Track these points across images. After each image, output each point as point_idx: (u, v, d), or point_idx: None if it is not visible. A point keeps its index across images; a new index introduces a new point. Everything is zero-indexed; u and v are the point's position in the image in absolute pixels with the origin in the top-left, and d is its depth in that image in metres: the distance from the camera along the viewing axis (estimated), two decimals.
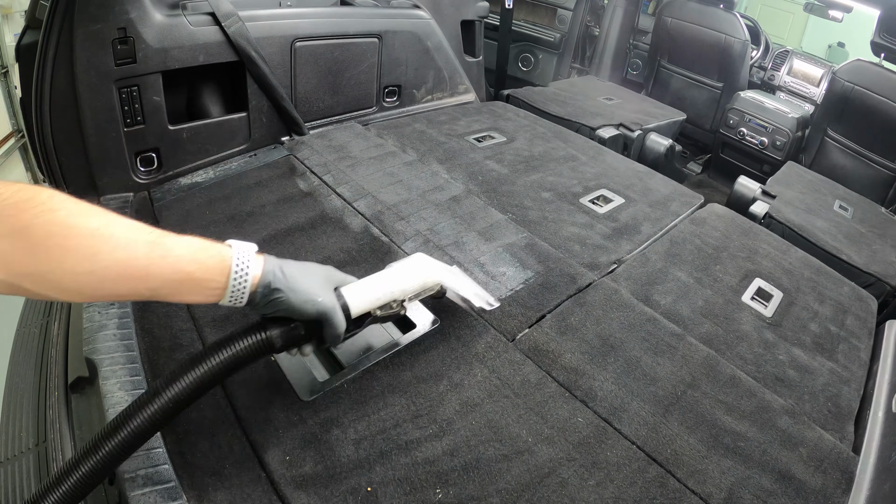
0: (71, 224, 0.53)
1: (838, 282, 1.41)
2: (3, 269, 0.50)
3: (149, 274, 0.59)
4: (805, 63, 2.98)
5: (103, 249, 0.55)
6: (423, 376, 0.92)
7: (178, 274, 0.62)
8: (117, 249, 0.56)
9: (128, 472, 0.70)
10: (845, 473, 0.87)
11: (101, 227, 0.55)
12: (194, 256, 0.64)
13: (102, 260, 0.55)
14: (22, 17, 2.50)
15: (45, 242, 0.52)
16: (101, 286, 0.57)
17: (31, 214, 0.51)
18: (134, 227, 0.59)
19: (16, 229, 0.50)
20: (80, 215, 0.54)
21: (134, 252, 0.57)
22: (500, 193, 1.49)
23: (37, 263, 0.52)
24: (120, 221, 0.58)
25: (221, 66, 1.46)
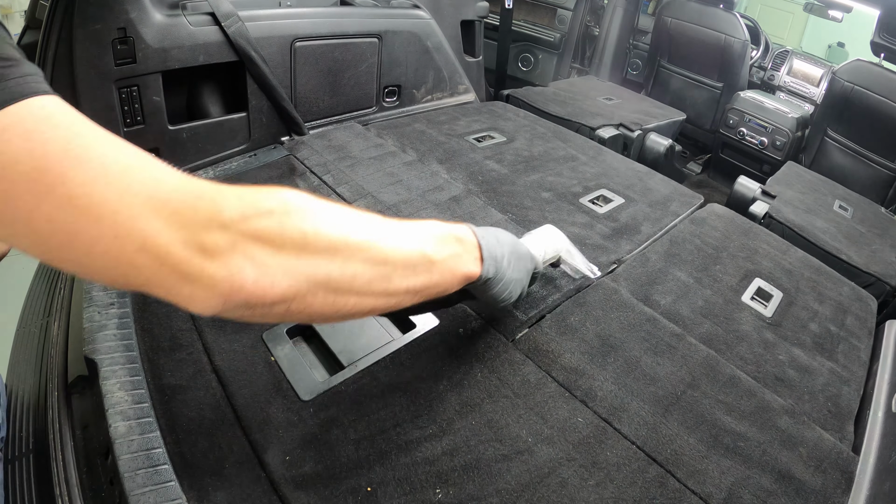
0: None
1: (838, 282, 1.41)
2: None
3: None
4: (805, 63, 2.98)
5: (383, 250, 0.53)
6: (423, 376, 0.92)
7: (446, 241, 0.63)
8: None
9: (128, 472, 0.70)
10: (845, 473, 0.87)
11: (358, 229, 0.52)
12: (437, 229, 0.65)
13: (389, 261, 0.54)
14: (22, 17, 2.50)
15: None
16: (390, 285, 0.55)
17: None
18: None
19: None
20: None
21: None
22: (500, 193, 1.49)
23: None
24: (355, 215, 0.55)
25: (221, 66, 1.46)
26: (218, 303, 0.43)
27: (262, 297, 0.44)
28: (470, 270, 0.67)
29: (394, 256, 0.54)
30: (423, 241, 0.60)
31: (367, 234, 0.52)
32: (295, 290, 0.46)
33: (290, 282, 0.45)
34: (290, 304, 0.46)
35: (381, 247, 0.53)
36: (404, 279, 0.56)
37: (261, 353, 0.93)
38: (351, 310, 0.52)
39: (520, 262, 0.79)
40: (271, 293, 0.44)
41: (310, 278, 0.46)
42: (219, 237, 0.41)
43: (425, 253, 0.59)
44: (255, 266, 0.43)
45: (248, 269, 0.42)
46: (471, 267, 0.67)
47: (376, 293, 0.53)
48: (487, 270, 0.69)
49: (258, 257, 0.43)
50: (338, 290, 0.49)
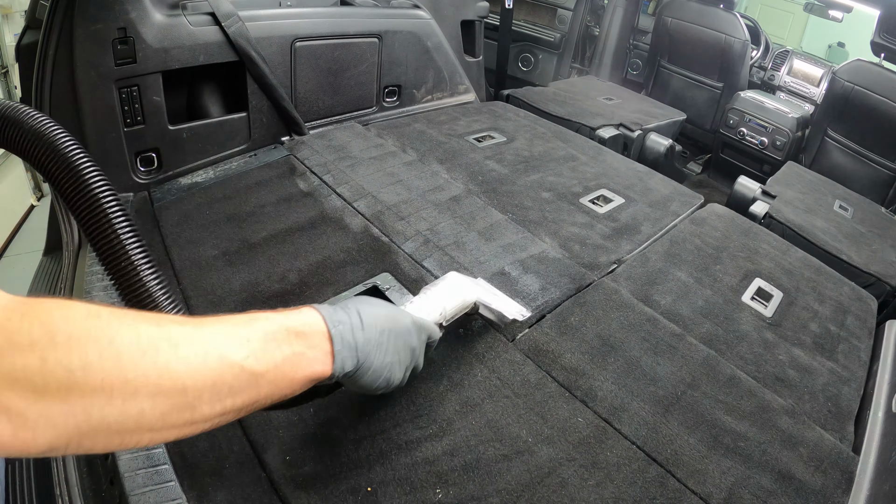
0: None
1: (838, 282, 1.41)
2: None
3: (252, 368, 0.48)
4: (805, 63, 2.98)
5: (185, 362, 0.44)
6: (423, 376, 0.92)
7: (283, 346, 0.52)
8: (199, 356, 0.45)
9: (128, 472, 0.70)
10: (845, 473, 0.87)
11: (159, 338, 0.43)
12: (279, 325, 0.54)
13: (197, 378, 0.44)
14: (22, 17, 2.50)
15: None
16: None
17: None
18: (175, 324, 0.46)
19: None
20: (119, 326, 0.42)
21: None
22: (500, 193, 1.49)
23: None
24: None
25: (221, 66, 1.46)
26: None
27: (24, 450, 0.37)
28: (315, 371, 0.55)
29: (196, 381, 0.44)
30: (245, 351, 0.48)
31: (157, 361, 0.42)
32: (65, 439, 0.39)
33: (57, 433, 0.38)
34: (64, 449, 0.40)
35: (175, 373, 0.43)
36: (216, 403, 0.46)
37: None
38: (149, 443, 0.44)
39: (397, 340, 0.67)
40: (34, 446, 0.37)
41: (81, 425, 0.39)
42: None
43: (245, 367, 0.48)
44: (11, 419, 0.36)
45: (4, 423, 0.36)
46: (316, 367, 0.55)
47: (178, 425, 0.44)
48: (342, 365, 0.58)
49: (14, 407, 0.36)
50: (122, 431, 0.41)
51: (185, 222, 1.26)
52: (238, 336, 0.49)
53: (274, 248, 1.18)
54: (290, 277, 1.10)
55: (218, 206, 1.32)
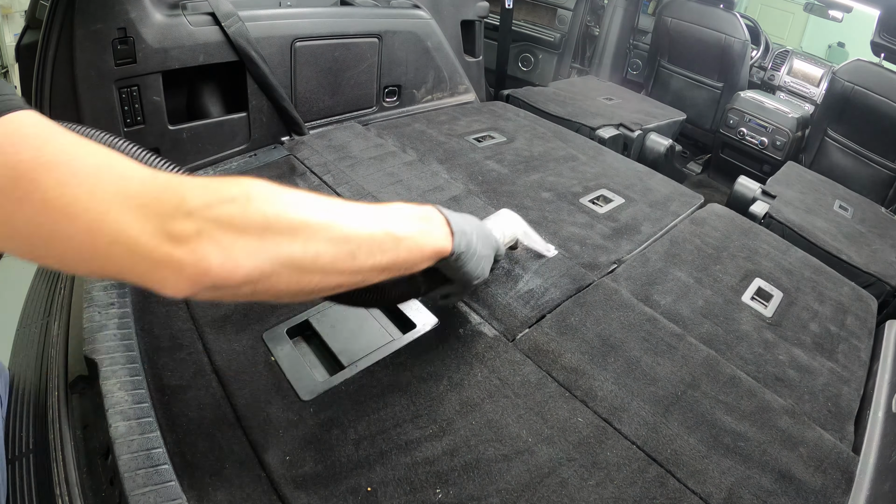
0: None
1: (838, 282, 1.41)
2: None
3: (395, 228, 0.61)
4: (805, 63, 2.98)
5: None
6: (423, 376, 0.92)
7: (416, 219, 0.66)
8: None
9: (128, 472, 0.70)
10: (845, 473, 0.87)
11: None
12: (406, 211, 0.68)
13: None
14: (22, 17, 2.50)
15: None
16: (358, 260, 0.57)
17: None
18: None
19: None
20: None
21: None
22: (500, 193, 1.49)
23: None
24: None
25: (221, 66, 1.46)
26: (187, 286, 0.45)
27: (227, 278, 0.46)
28: (441, 246, 0.69)
29: (357, 234, 0.56)
30: (388, 220, 0.61)
31: (329, 215, 0.54)
32: (259, 271, 0.47)
33: (254, 263, 0.47)
34: (255, 284, 0.48)
35: (343, 226, 0.55)
36: (370, 256, 0.57)
37: (261, 353, 0.93)
38: (317, 286, 0.54)
39: (487, 239, 0.82)
40: (236, 275, 0.46)
41: (273, 259, 0.48)
42: (185, 225, 0.44)
43: (390, 230, 0.60)
44: (220, 250, 0.45)
45: (214, 253, 0.45)
46: (442, 243, 0.69)
47: (341, 271, 0.55)
48: (458, 245, 0.72)
49: (223, 241, 0.45)
50: (302, 269, 0.51)
51: None
52: (386, 211, 0.63)
53: None
54: None
55: None
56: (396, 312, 1.05)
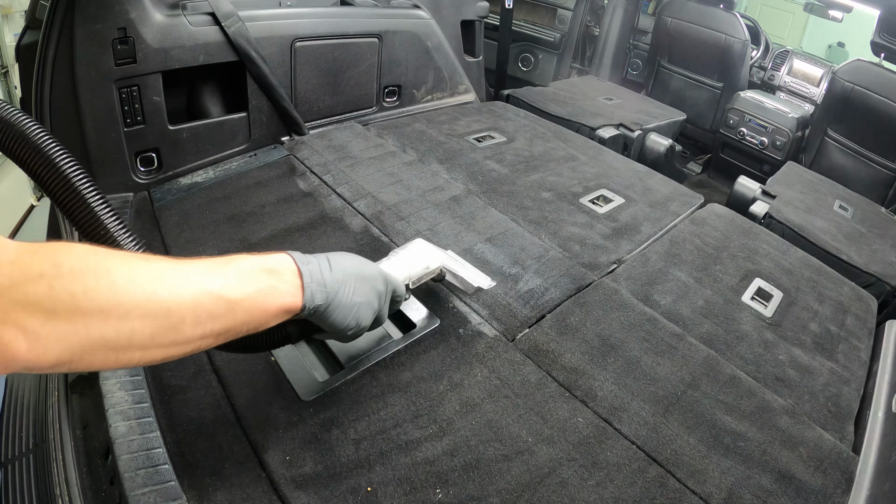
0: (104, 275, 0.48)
1: (838, 282, 1.41)
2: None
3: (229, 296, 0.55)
4: (805, 63, 2.98)
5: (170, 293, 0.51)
6: (423, 376, 0.92)
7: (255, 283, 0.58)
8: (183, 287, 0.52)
9: (128, 472, 0.70)
10: (845, 473, 0.87)
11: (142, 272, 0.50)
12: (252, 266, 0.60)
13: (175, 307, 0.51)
14: (22, 17, 2.50)
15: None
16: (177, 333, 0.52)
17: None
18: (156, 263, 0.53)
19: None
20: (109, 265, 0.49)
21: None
22: (500, 193, 1.49)
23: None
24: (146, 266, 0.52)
25: (221, 66, 1.46)
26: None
27: (37, 362, 0.44)
28: (287, 302, 0.62)
29: (179, 306, 0.51)
30: (222, 281, 0.56)
31: (145, 288, 0.49)
32: (69, 354, 0.46)
33: (63, 348, 0.45)
34: (69, 364, 0.46)
35: (161, 299, 0.50)
36: (197, 326, 0.53)
37: (261, 354, 0.93)
38: (139, 362, 0.52)
39: (364, 283, 0.72)
40: (45, 360, 0.44)
41: (83, 342, 0.46)
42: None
43: (222, 294, 0.55)
44: (26, 336, 0.43)
45: (20, 340, 0.43)
46: (287, 299, 0.62)
47: (165, 345, 0.52)
48: (311, 298, 0.64)
49: (28, 326, 0.43)
50: (117, 348, 0.48)
51: (185, 222, 1.26)
52: (216, 270, 0.56)
53: (274, 248, 1.17)
54: None
55: (218, 206, 1.32)
56: (396, 312, 1.05)
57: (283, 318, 0.63)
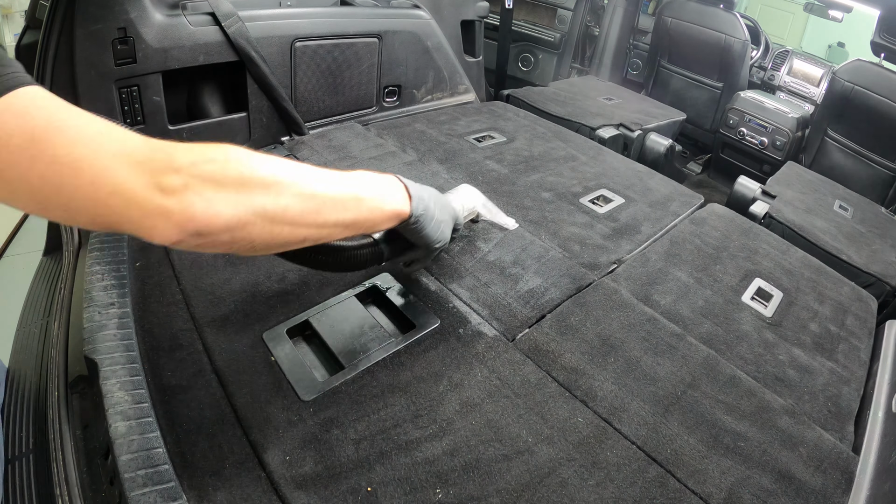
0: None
1: (838, 282, 1.41)
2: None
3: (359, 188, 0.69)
4: (805, 63, 2.98)
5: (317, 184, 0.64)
6: (423, 376, 0.92)
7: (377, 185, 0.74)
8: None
9: (128, 472, 0.70)
10: (845, 473, 0.87)
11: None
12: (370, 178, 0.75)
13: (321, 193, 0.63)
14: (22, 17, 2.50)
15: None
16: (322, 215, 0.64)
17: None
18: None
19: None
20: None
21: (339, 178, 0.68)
22: (500, 193, 1.49)
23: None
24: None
25: (221, 66, 1.46)
26: (175, 232, 0.52)
27: (209, 225, 0.53)
28: (400, 208, 0.76)
29: (322, 192, 0.63)
30: (353, 183, 0.69)
31: (297, 175, 0.62)
32: (237, 219, 0.55)
33: (232, 212, 0.54)
34: (233, 232, 0.55)
35: (310, 184, 0.62)
36: (334, 212, 0.65)
37: (261, 353, 0.93)
38: (287, 238, 0.61)
39: (445, 207, 0.89)
40: (217, 222, 0.53)
41: (248, 209, 0.56)
42: (173, 179, 0.52)
43: (354, 192, 0.68)
44: (203, 200, 0.52)
45: (198, 203, 0.52)
46: (401, 205, 0.76)
47: (308, 224, 0.62)
48: (416, 208, 0.79)
49: (205, 193, 0.53)
50: (273, 219, 0.58)
51: None
52: (352, 176, 0.71)
53: None
54: (290, 277, 1.10)
55: None
56: (396, 312, 1.05)
57: (392, 223, 0.77)
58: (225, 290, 1.06)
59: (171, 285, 1.07)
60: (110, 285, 1.02)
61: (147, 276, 1.09)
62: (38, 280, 1.35)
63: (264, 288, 1.07)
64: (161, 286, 1.06)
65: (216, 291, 1.05)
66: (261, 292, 1.06)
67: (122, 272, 1.06)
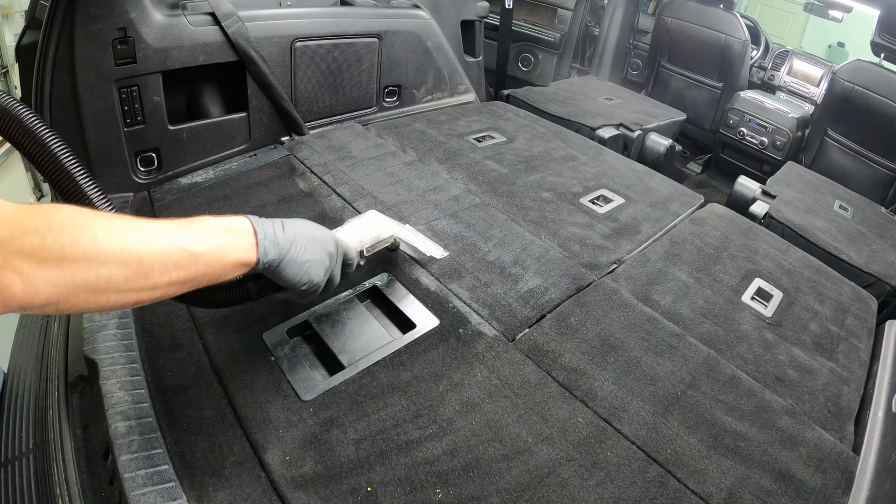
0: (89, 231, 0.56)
1: (838, 282, 1.41)
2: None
3: (192, 253, 0.64)
4: (805, 63, 2.98)
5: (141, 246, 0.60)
6: (423, 376, 0.92)
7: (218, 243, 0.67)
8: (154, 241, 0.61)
9: (128, 472, 0.70)
10: (845, 473, 0.87)
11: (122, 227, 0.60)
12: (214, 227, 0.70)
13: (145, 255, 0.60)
14: (22, 17, 2.50)
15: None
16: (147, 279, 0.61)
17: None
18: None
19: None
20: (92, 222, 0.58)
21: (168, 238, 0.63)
22: (500, 193, 1.49)
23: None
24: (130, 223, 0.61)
25: (221, 66, 1.46)
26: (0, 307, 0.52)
27: (31, 301, 0.53)
28: (243, 257, 0.70)
29: (149, 255, 0.60)
30: (187, 237, 0.65)
31: (122, 240, 0.59)
32: (57, 295, 0.54)
33: (52, 289, 0.54)
34: (57, 305, 0.55)
35: (134, 250, 0.59)
36: (164, 274, 0.62)
37: (261, 353, 0.93)
38: (115, 304, 0.60)
39: (315, 243, 0.80)
40: (37, 299, 0.53)
41: (69, 285, 0.55)
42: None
43: (186, 248, 0.64)
44: (22, 279, 0.51)
45: (17, 282, 0.51)
46: (243, 254, 0.70)
47: (137, 289, 0.61)
48: (265, 254, 0.72)
49: (24, 271, 0.51)
50: (97, 290, 0.57)
51: None
52: (183, 228, 0.65)
53: None
54: None
55: (218, 206, 1.32)
56: (396, 312, 1.05)
57: (240, 272, 0.71)
58: None
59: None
60: None
61: None
62: None
63: None
64: None
65: None
66: None
67: None
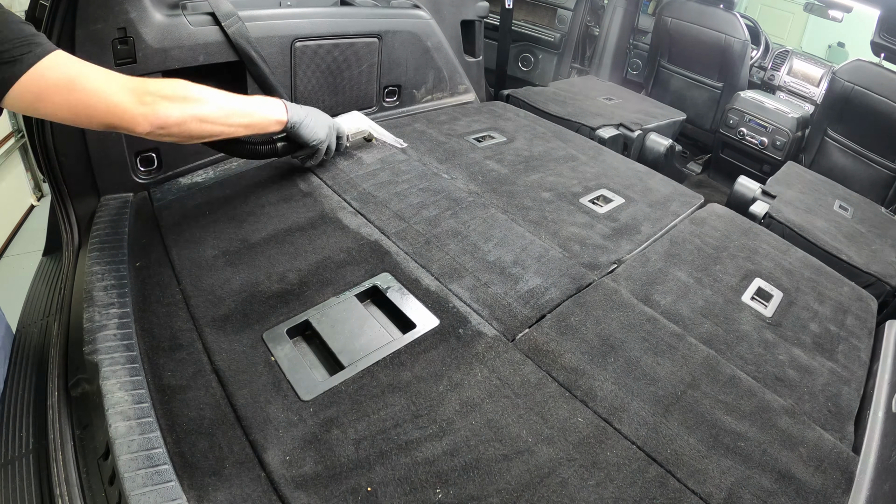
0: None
1: (838, 282, 1.41)
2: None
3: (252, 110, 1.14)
4: (805, 63, 2.98)
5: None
6: (423, 376, 0.92)
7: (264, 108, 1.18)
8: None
9: (128, 472, 0.70)
10: (845, 473, 0.87)
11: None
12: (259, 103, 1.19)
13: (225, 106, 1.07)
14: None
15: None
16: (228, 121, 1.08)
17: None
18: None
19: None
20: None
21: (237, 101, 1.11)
22: (499, 193, 1.49)
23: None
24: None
25: (221, 66, 1.46)
26: (147, 125, 0.91)
27: (166, 121, 0.93)
28: (279, 117, 1.19)
29: (230, 106, 1.07)
30: (249, 101, 1.14)
31: (216, 95, 1.04)
32: (181, 118, 0.96)
33: (179, 114, 0.95)
34: (180, 126, 0.96)
35: (223, 100, 1.06)
36: (237, 117, 1.09)
37: (261, 353, 0.93)
38: (210, 131, 1.04)
39: (320, 116, 1.33)
40: (170, 120, 0.94)
41: (188, 113, 0.97)
42: (147, 98, 0.91)
43: (250, 107, 1.13)
44: (163, 108, 0.93)
45: (160, 110, 0.92)
46: (279, 115, 1.19)
47: (222, 123, 1.06)
48: (292, 117, 1.22)
49: (164, 105, 0.93)
50: (202, 120, 1.01)
51: (185, 222, 1.26)
52: (246, 97, 1.14)
53: (274, 248, 1.18)
54: (290, 277, 1.10)
55: (218, 206, 1.32)
56: (396, 312, 1.05)
57: (276, 128, 1.21)
58: (225, 290, 1.06)
59: (171, 285, 1.07)
60: (110, 285, 1.02)
61: (147, 276, 1.09)
62: (38, 280, 1.35)
63: (264, 288, 1.07)
64: (161, 286, 1.06)
65: (216, 291, 1.06)
66: (261, 292, 1.06)
67: (122, 272, 1.06)
